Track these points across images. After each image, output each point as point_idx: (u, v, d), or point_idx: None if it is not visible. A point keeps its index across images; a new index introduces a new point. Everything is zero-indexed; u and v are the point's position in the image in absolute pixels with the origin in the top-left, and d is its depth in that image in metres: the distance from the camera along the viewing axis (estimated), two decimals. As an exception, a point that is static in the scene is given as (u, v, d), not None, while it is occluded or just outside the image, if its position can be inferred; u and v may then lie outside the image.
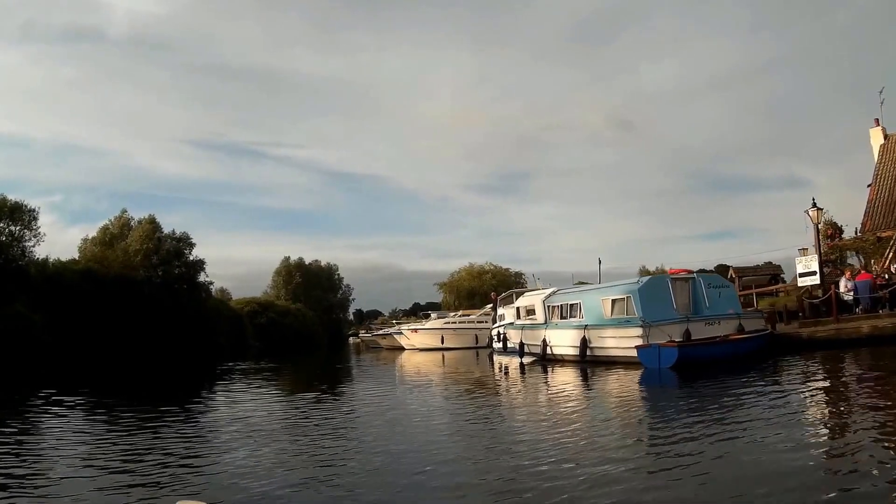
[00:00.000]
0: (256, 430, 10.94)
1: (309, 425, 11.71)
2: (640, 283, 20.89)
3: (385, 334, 60.89)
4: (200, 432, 11.10)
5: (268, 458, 8.35)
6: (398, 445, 9.02)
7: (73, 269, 42.04)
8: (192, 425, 12.20)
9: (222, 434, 10.68)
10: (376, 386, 20.03)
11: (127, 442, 10.06)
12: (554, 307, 24.47)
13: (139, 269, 49.16)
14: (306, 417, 12.89)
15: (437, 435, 9.70)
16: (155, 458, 8.57)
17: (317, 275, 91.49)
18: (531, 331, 25.44)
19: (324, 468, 7.74)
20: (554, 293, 25.27)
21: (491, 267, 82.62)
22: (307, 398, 16.69)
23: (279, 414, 13.89)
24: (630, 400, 13.64)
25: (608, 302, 21.21)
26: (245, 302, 70.80)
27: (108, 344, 37.68)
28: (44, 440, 10.87)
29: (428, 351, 45.54)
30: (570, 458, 7.52)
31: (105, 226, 52.58)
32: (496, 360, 28.74)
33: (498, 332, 34.83)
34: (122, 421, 12.77)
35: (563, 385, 16.76)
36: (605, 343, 20.66)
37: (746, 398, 11.50)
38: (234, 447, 9.15)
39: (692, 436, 8.40)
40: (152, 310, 45.08)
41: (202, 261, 54.60)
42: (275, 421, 12.47)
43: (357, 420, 12.19)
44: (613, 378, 16.93)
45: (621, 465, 6.96)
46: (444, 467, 7.42)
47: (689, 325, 19.05)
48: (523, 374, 20.94)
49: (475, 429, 10.49)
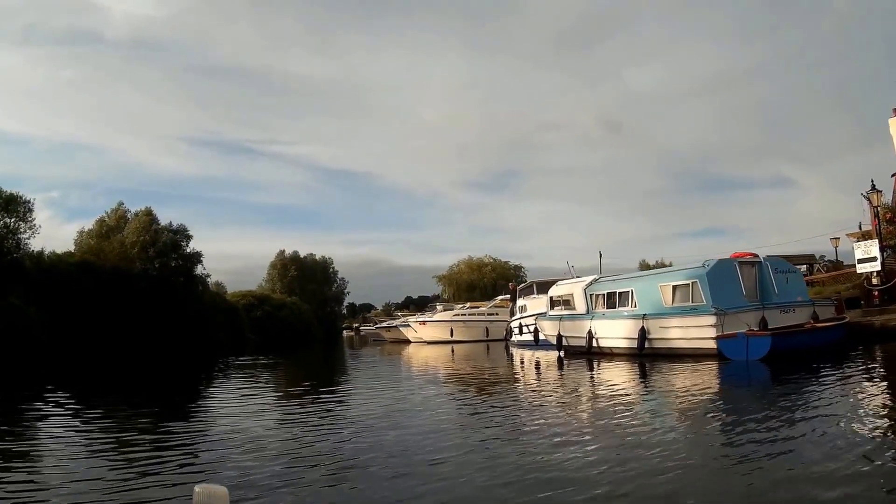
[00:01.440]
0: (282, 426, 10.34)
1: (335, 425, 10.25)
2: (707, 266, 18.95)
3: (389, 327, 59.32)
4: (221, 427, 10.24)
5: (287, 452, 7.88)
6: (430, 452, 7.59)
7: (68, 262, 40.59)
8: (209, 420, 11.59)
9: (249, 430, 9.68)
10: (395, 383, 17.97)
11: (143, 434, 9.77)
12: (598, 296, 22.85)
13: (136, 261, 47.92)
14: (328, 415, 11.52)
15: (493, 453, 7.54)
16: (168, 449, 8.30)
17: (312, 268, 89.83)
18: (571, 322, 23.81)
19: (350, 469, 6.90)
20: (596, 281, 23.60)
21: (490, 260, 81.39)
22: (324, 395, 15.22)
23: (297, 411, 12.43)
24: (733, 400, 11.23)
25: (668, 288, 19.62)
26: (241, 295, 69.07)
27: (105, 337, 36.52)
28: (53, 436, 10.04)
29: (436, 344, 43.91)
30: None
31: (101, 218, 51.03)
32: (517, 354, 27.21)
33: (519, 325, 33.41)
34: (133, 416, 12.21)
35: (629, 384, 14.52)
36: (667, 334, 19.06)
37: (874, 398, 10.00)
38: (258, 444, 8.45)
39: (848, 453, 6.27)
40: (149, 302, 43.87)
41: (199, 253, 53.23)
42: (294, 418, 11.37)
43: (389, 421, 10.15)
44: (689, 373, 14.91)
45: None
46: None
47: (765, 313, 17.63)
48: (566, 371, 19.01)
49: (538, 456, 7.19)
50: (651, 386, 13.74)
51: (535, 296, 34.38)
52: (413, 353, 35.23)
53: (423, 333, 48.28)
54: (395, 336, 55.52)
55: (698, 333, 17.84)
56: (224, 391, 17.28)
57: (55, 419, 11.96)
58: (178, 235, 52.42)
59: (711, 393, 12.23)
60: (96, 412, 13.08)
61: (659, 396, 11.97)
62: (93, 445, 8.79)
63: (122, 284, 42.70)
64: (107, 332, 37.16)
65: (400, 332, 53.72)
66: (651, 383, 14.15)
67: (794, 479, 5.53)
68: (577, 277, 26.46)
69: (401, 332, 53.34)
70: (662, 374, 15.18)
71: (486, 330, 46.68)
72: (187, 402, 14.78)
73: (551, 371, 18.88)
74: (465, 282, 78.21)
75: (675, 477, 5.82)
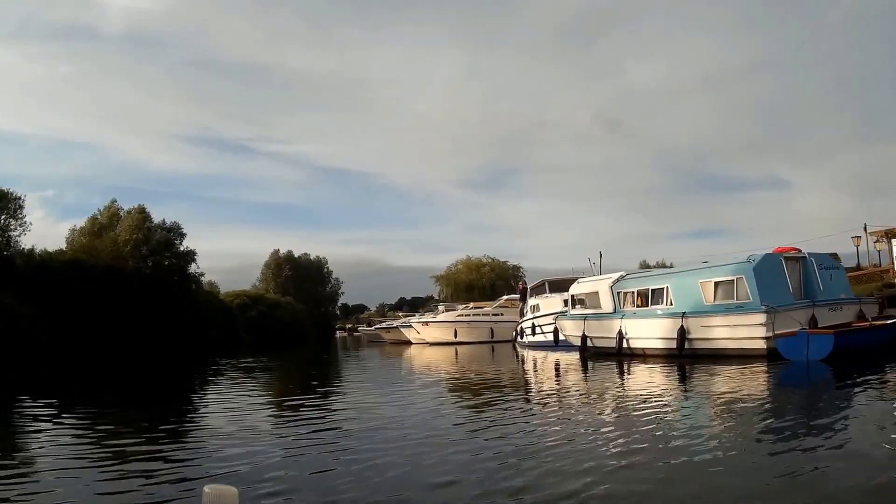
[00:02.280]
0: (285, 430, 9.72)
1: (342, 430, 9.39)
2: (753, 261, 17.70)
3: (389, 327, 58.03)
4: (223, 428, 9.66)
5: (292, 455, 7.56)
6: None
7: (60, 260, 39.80)
8: (208, 421, 11.12)
9: (256, 432, 9.26)
10: (401, 386, 16.82)
11: (146, 434, 9.54)
12: (626, 293, 21.71)
13: (129, 259, 47.48)
14: (332, 418, 10.66)
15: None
16: (176, 449, 8.13)
17: (306, 268, 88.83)
18: (597, 322, 22.57)
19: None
20: (623, 278, 22.45)
21: (489, 260, 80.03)
22: (329, 399, 14.16)
23: (300, 414, 11.36)
24: (806, 407, 9.83)
25: (709, 285, 18.47)
26: (235, 295, 67.87)
27: (97, 337, 35.80)
28: (54, 438, 9.43)
29: (438, 346, 42.69)
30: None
31: (94, 216, 50.18)
32: (530, 356, 26.05)
33: (532, 325, 32.27)
34: (133, 417, 11.96)
35: (677, 389, 13.32)
36: (711, 333, 17.88)
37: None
38: (265, 444, 8.24)
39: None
40: (142, 301, 43.15)
41: (193, 251, 52.67)
42: (294, 421, 10.66)
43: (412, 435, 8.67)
44: (743, 376, 13.73)
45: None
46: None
47: (814, 311, 16.61)
48: (594, 374, 17.73)
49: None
50: (703, 391, 12.51)
51: (548, 295, 33.28)
52: (416, 354, 33.92)
53: (426, 334, 47.00)
54: (395, 337, 54.28)
55: (746, 333, 16.76)
56: (222, 393, 16.31)
57: (54, 421, 11.35)
58: (172, 234, 52.09)
59: (779, 398, 11.20)
60: (92, 413, 12.62)
61: (717, 403, 10.57)
62: (93, 447, 8.44)
63: (114, 283, 41.93)
64: (99, 331, 36.38)
65: (401, 332, 52.42)
66: (702, 387, 12.96)
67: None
68: (601, 274, 25.37)
69: (402, 332, 52.04)
70: (710, 378, 14.03)
71: (490, 331, 45.46)
72: (185, 403, 14.30)
73: (575, 374, 17.70)
74: (464, 282, 76.86)
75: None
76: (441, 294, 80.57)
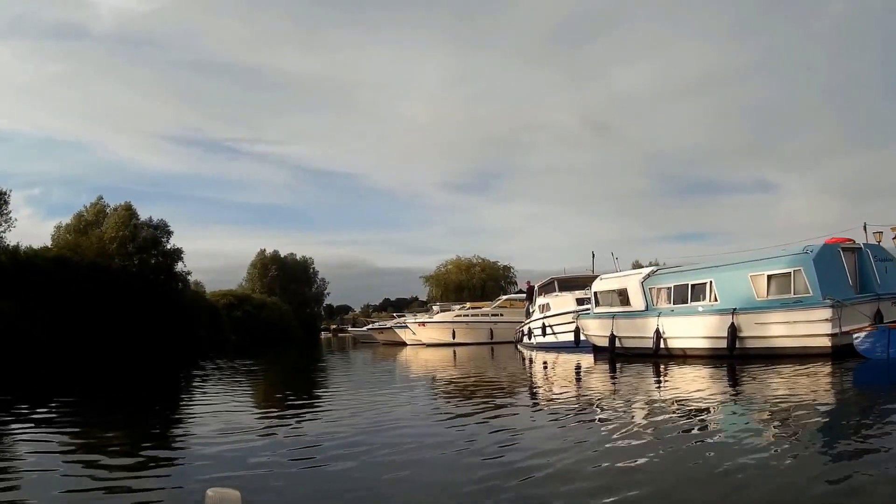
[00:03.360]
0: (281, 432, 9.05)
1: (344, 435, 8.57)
2: (811, 252, 16.40)
3: (382, 328, 56.45)
4: (218, 431, 9.00)
5: (298, 456, 7.17)
6: None
7: (44, 257, 38.17)
8: (204, 425, 10.16)
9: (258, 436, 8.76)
10: (413, 390, 15.43)
11: (142, 437, 9.11)
12: (660, 289, 20.41)
13: (115, 257, 46.24)
14: (336, 423, 9.73)
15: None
16: (173, 453, 7.92)
17: (292, 268, 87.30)
18: (628, 320, 21.28)
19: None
20: (656, 273, 21.24)
21: (479, 260, 78.82)
22: (330, 401, 13.24)
23: (299, 417, 10.57)
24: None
25: (761, 279, 17.22)
26: (221, 294, 66.36)
27: (82, 335, 34.57)
28: (41, 442, 8.82)
29: (434, 347, 41.31)
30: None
31: (80, 213, 48.85)
32: (539, 358, 24.84)
33: (543, 325, 31.03)
34: (127, 419, 11.44)
35: (740, 392, 12.19)
36: (766, 331, 16.70)
37: None
38: (266, 448, 7.78)
39: None
40: (128, 300, 41.91)
41: (180, 250, 51.67)
42: (295, 425, 9.91)
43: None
44: (811, 375, 12.76)
45: None
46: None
47: (879, 305, 15.56)
48: (630, 377, 16.39)
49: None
50: (777, 393, 11.03)
51: (558, 293, 32.15)
52: (413, 356, 32.34)
53: (423, 335, 45.59)
54: (388, 338, 52.76)
55: (807, 330, 15.63)
56: (216, 395, 15.12)
57: (41, 424, 10.56)
58: (159, 231, 51.11)
59: (865, 400, 10.00)
60: (80, 416, 12.14)
61: (793, 405, 9.24)
62: (88, 449, 8.23)
63: (99, 281, 40.54)
64: (84, 330, 35.11)
65: (395, 333, 50.92)
66: (775, 389, 11.52)
67: None
68: (624, 271, 24.21)
69: (396, 333, 50.54)
70: (776, 378, 12.73)
71: (490, 332, 44.25)
72: (180, 405, 13.79)
73: (610, 377, 16.26)
74: (454, 282, 75.53)
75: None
76: (430, 295, 79.13)
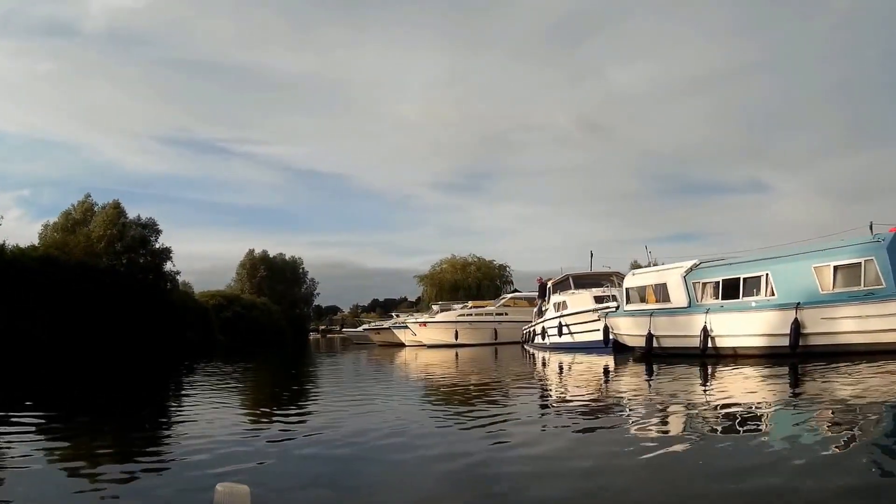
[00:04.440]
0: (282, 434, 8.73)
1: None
2: (883, 240, 15.03)
3: (379, 328, 54.95)
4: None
5: (305, 454, 7.08)
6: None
7: (31, 256, 37.03)
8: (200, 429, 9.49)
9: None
10: (423, 391, 14.44)
11: (145, 435, 9.16)
12: (706, 284, 19.01)
13: (102, 256, 44.96)
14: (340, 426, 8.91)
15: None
16: (177, 449, 7.64)
17: (281, 268, 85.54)
18: (669, 318, 19.49)
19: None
20: (698, 266, 19.79)
21: (475, 259, 77.32)
22: (330, 403, 12.46)
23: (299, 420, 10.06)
24: None
25: (826, 270, 15.77)
26: (210, 295, 64.68)
27: (69, 335, 33.96)
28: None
29: (435, 348, 39.95)
30: None
31: (67, 211, 47.66)
32: (554, 359, 23.62)
33: (559, 324, 29.74)
34: (122, 418, 11.21)
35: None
36: (834, 327, 15.35)
37: None
38: (271, 446, 7.66)
39: None
40: (116, 299, 41.08)
41: (168, 249, 50.52)
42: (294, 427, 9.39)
43: None
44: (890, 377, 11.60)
45: None
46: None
47: None
48: (673, 379, 14.96)
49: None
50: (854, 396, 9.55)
51: (574, 291, 30.93)
52: (418, 358, 30.91)
53: (424, 336, 44.21)
54: (385, 339, 51.30)
55: (881, 325, 14.42)
56: (214, 397, 14.18)
57: (40, 427, 10.00)
58: (147, 230, 49.86)
59: None
60: (81, 415, 11.66)
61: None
62: (95, 447, 7.99)
63: (87, 280, 39.57)
64: (71, 329, 34.43)
65: (392, 334, 49.44)
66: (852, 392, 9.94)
67: None
68: (656, 265, 22.98)
69: (394, 334, 49.06)
70: (848, 380, 11.44)
71: (494, 332, 43.03)
72: (175, 407, 13.16)
73: (654, 380, 14.81)
74: (449, 282, 73.96)
75: None
76: (424, 294, 77.65)
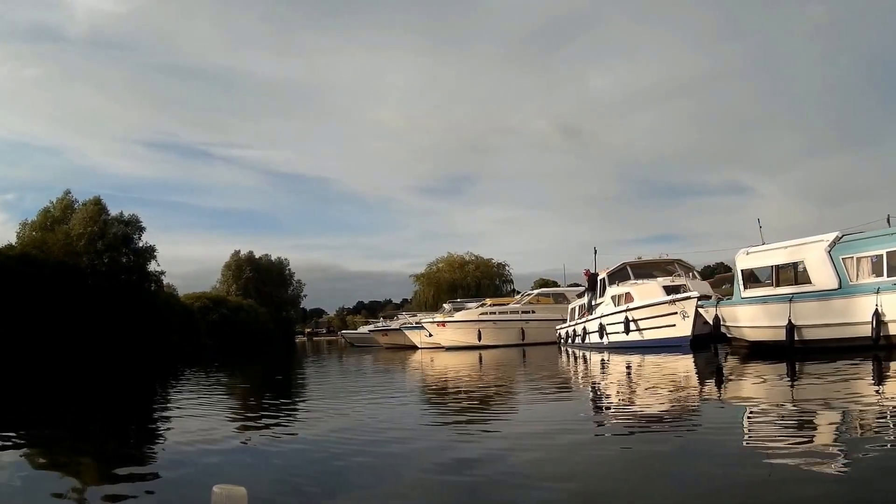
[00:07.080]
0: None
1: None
2: None
3: (387, 329, 50.80)
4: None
5: (305, 458, 6.70)
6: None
7: (7, 255, 34.36)
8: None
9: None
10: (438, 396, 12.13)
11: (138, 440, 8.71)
12: (861, 259, 15.34)
13: (83, 255, 41.44)
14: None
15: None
16: (174, 453, 7.34)
17: (268, 270, 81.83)
18: (819, 303, 15.72)
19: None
20: (841, 239, 16.03)
21: (472, 258, 73.80)
22: (332, 404, 12.48)
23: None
24: None
25: None
26: (195, 297, 60.96)
27: (48, 338, 31.95)
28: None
29: (455, 350, 36.13)
30: None
31: (46, 209, 44.63)
32: (632, 361, 19.69)
33: (626, 320, 25.99)
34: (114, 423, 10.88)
35: None
36: None
37: None
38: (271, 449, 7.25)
39: None
40: (97, 300, 38.69)
41: (153, 247, 47.42)
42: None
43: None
44: None
45: None
46: None
47: None
48: None
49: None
50: None
51: (636, 281, 27.30)
52: (438, 361, 27.09)
53: (442, 338, 40.30)
54: (393, 341, 47.31)
55: None
56: (211, 404, 13.16)
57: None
58: (130, 227, 46.30)
59: None
60: (80, 418, 11.76)
61: None
62: (91, 451, 7.96)
63: (67, 280, 36.79)
64: (50, 332, 32.29)
65: (403, 335, 45.30)
66: None
67: None
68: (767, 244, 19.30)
69: (404, 335, 44.92)
70: None
71: (521, 332, 39.27)
72: (171, 411, 12.56)
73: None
74: (447, 281, 70.24)
75: None
76: (419, 295, 73.74)
